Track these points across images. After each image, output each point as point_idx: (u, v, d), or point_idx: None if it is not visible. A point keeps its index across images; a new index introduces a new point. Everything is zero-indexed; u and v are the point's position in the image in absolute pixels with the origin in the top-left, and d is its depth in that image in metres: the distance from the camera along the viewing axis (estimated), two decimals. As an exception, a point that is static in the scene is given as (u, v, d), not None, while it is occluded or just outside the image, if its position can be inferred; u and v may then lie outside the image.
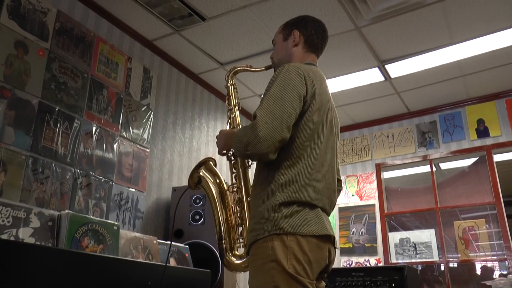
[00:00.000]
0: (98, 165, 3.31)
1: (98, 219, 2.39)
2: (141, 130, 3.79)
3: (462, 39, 3.97)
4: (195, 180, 1.96)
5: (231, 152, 1.87)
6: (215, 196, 1.91)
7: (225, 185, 1.95)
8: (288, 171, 1.59)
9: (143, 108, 3.86)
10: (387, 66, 4.40)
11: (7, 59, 2.81)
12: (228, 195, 1.91)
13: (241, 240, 1.82)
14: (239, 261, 1.78)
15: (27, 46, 2.94)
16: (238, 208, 1.85)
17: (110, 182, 3.39)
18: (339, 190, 1.89)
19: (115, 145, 3.50)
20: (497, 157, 4.94)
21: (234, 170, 1.89)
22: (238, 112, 2.05)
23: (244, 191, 1.83)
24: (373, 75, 4.58)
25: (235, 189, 1.86)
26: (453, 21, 3.73)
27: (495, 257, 4.64)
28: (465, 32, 3.87)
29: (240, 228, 1.83)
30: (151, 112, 3.95)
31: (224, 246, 1.82)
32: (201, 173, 1.96)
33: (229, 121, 2.03)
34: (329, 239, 1.62)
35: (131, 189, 3.56)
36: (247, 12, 3.61)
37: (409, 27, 3.80)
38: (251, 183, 1.79)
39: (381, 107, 5.34)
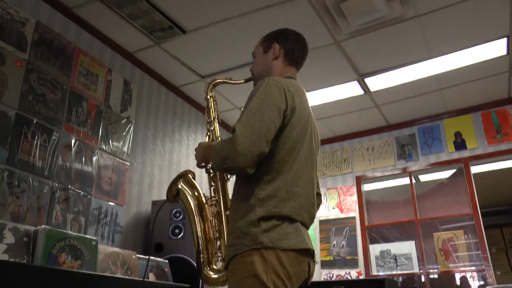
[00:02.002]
0: (76, 179, 3.26)
1: (76, 234, 2.35)
2: (121, 143, 3.75)
3: (439, 54, 4.06)
4: (174, 193, 1.94)
5: (210, 165, 1.86)
6: (193, 209, 1.89)
7: (203, 198, 1.93)
8: (268, 186, 1.59)
9: (123, 121, 3.83)
10: (366, 80, 4.46)
11: (-17, 70, 2.77)
12: (206, 208, 1.89)
13: (219, 254, 1.80)
14: (216, 275, 1.76)
15: (3, 57, 2.90)
16: (216, 222, 1.83)
17: (89, 196, 3.34)
18: (319, 204, 1.88)
19: (94, 158, 3.45)
20: (474, 169, 5.03)
21: (212, 183, 1.87)
22: (217, 124, 2.04)
23: (223, 204, 1.81)
24: (352, 89, 4.63)
25: (213, 203, 1.85)
26: (430, 36, 3.81)
27: (473, 268, 4.69)
28: (442, 46, 3.96)
29: (218, 242, 1.81)
30: (131, 124, 3.91)
31: (202, 260, 1.80)
32: (179, 186, 1.94)
33: (208, 133, 2.02)
34: (309, 253, 1.61)
35: (110, 203, 3.51)
36: (227, 25, 3.63)
37: (388, 41, 3.87)
38: (230, 196, 1.78)
39: (361, 120, 5.39)
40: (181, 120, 4.66)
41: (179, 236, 3.50)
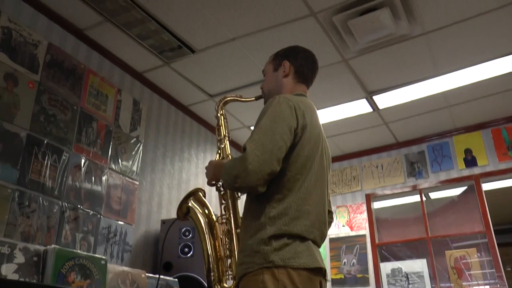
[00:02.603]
0: (86, 198, 3.27)
1: (85, 253, 2.34)
2: (130, 163, 3.77)
3: (447, 71, 4.05)
4: (184, 211, 1.94)
5: (220, 183, 1.85)
6: (203, 227, 1.88)
7: (214, 216, 1.92)
8: (279, 204, 1.57)
9: (133, 140, 3.85)
10: (375, 97, 4.46)
11: (-4, 91, 2.80)
12: (217, 226, 1.89)
13: (229, 272, 1.79)
14: (227, 294, 1.75)
15: (17, 79, 2.94)
16: (227, 240, 1.82)
17: (98, 215, 3.34)
18: (330, 222, 1.86)
19: (103, 178, 3.46)
20: (486, 186, 4.97)
21: (223, 201, 1.87)
22: (228, 142, 2.05)
23: (233, 222, 1.80)
24: (361, 106, 4.63)
25: (224, 221, 1.84)
26: (437, 53, 3.82)
27: (487, 286, 4.60)
28: (449, 63, 3.96)
29: (229, 260, 1.80)
30: (141, 144, 3.93)
31: (212, 278, 1.78)
32: (190, 204, 1.94)
33: (219, 151, 2.02)
34: (320, 271, 1.59)
35: (119, 222, 3.51)
36: (236, 44, 3.67)
37: (395, 59, 3.88)
38: (241, 214, 1.76)
39: (369, 138, 5.38)
40: (190, 139, 4.67)
41: (189, 255, 3.48)
